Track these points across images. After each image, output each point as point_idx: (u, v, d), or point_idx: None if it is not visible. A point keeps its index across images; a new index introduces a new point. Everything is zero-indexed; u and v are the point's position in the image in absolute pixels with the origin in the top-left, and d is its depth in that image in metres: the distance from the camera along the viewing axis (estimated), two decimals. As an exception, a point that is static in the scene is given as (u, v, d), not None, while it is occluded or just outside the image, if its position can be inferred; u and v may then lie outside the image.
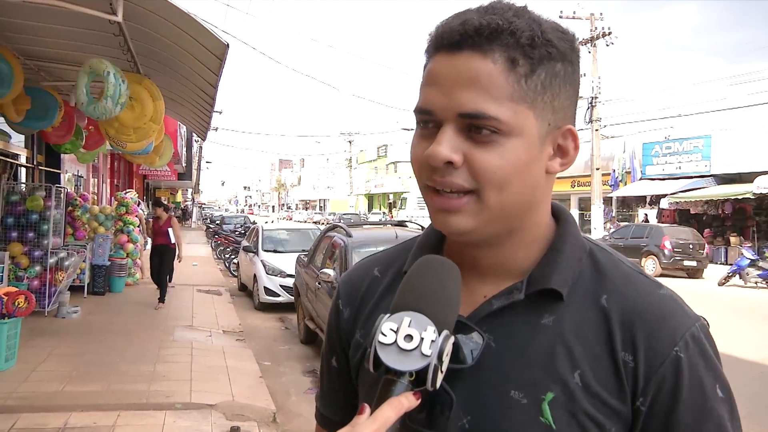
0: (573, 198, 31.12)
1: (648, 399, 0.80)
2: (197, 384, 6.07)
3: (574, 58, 0.84)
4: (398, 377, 0.74)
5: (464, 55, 0.78)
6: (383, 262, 1.05)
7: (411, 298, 0.79)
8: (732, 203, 23.26)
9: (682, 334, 0.81)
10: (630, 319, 0.82)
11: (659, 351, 0.80)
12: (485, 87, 0.77)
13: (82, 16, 5.55)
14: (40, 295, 8.69)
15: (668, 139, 25.97)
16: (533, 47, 0.78)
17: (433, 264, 0.83)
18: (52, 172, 11.19)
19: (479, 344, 0.84)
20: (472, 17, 0.79)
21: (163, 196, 42.47)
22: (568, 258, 0.87)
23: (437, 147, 0.79)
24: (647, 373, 0.80)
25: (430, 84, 0.82)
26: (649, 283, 0.87)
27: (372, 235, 8.28)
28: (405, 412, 0.74)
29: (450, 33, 0.80)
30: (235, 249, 17.30)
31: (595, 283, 0.87)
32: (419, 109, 0.83)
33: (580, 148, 0.88)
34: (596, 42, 24.98)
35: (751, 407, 6.14)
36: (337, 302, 1.06)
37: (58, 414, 5.05)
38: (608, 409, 0.80)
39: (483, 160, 0.79)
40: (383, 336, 0.75)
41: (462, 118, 0.78)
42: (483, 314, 0.87)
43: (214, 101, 8.28)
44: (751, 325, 11.15)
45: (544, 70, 0.80)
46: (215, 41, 5.95)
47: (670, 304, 0.84)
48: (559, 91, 0.82)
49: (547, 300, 0.85)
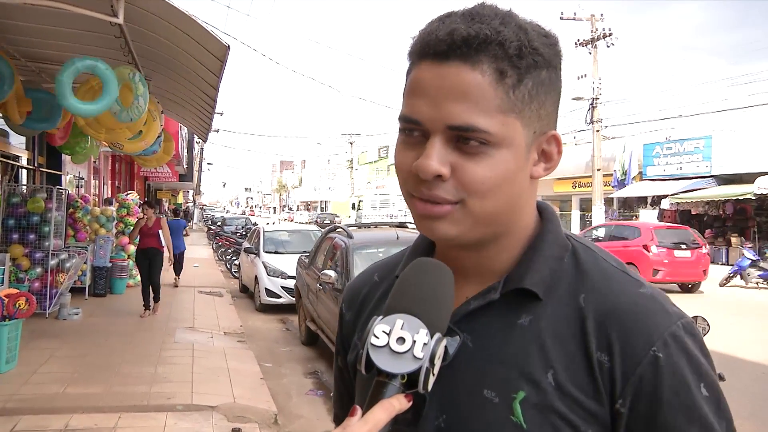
0: (574, 199, 31.10)
1: (627, 401, 0.78)
2: (198, 386, 6.07)
3: (558, 62, 0.84)
4: (390, 379, 0.74)
5: (452, 66, 0.78)
6: (383, 268, 1.07)
7: (404, 300, 0.79)
8: (733, 204, 23.24)
9: (660, 334, 0.79)
10: (605, 318, 0.81)
11: (635, 351, 0.78)
12: (474, 99, 0.77)
13: (83, 18, 5.56)
14: (41, 297, 8.70)
15: (669, 139, 25.96)
16: (521, 57, 0.78)
17: (427, 267, 0.82)
18: (53, 174, 11.20)
19: (453, 343, 0.85)
20: (459, 26, 0.78)
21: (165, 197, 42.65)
22: (546, 257, 0.87)
23: (427, 161, 0.78)
24: (624, 374, 0.78)
25: (416, 93, 0.81)
26: (628, 281, 0.85)
27: (373, 237, 8.28)
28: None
29: (437, 42, 0.78)
30: (236, 250, 17.31)
31: (575, 281, 0.86)
32: (406, 118, 0.82)
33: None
34: (597, 43, 24.98)
35: (752, 407, 6.13)
36: (341, 307, 1.10)
37: (59, 416, 5.05)
38: (583, 410, 0.79)
39: (471, 172, 0.79)
40: (375, 338, 0.75)
41: (451, 130, 0.78)
42: (461, 314, 0.87)
43: (215, 103, 8.29)
44: (753, 325, 11.14)
45: (531, 79, 0.79)
46: (216, 43, 5.96)
47: (649, 302, 0.82)
48: (544, 98, 0.82)
49: (525, 300, 0.85)
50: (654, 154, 26.12)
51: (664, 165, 25.66)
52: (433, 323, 0.76)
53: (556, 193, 31.30)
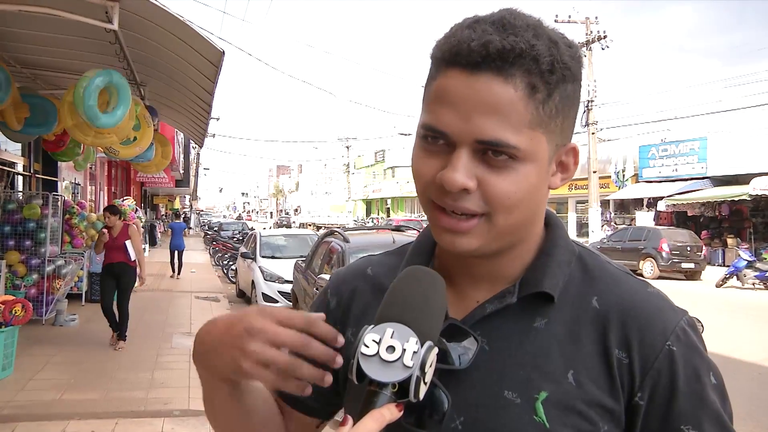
0: (570, 201, 31.19)
1: (646, 393, 0.82)
2: (195, 391, 6.06)
3: (581, 75, 0.84)
4: (381, 389, 0.74)
5: (484, 78, 0.77)
6: (377, 263, 1.06)
7: (395, 309, 0.79)
8: (728, 205, 23.33)
9: (672, 328, 0.83)
10: (622, 318, 0.85)
11: (652, 346, 0.83)
12: (506, 114, 0.77)
13: (78, 25, 5.57)
14: (38, 304, 8.68)
15: (664, 141, 26.05)
16: (552, 72, 0.78)
17: (418, 275, 0.82)
18: (49, 180, 11.18)
19: (468, 348, 0.85)
20: (494, 38, 0.76)
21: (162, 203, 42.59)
22: (559, 262, 0.89)
23: (454, 174, 0.78)
24: (643, 368, 0.82)
25: (444, 103, 0.79)
26: (636, 283, 0.89)
27: (369, 241, 8.28)
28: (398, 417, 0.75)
29: (469, 52, 0.77)
30: (233, 255, 17.27)
31: (585, 285, 0.89)
32: (431, 128, 0.81)
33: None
34: (592, 46, 25.09)
35: (749, 408, 6.14)
36: (326, 292, 1.07)
37: (56, 422, 5.04)
38: (601, 407, 0.82)
39: (498, 186, 0.79)
40: (366, 347, 0.75)
41: (479, 144, 0.78)
42: (477, 318, 0.88)
43: (211, 108, 8.30)
44: (749, 326, 11.17)
45: (558, 93, 0.80)
46: (211, 48, 5.97)
47: (658, 301, 0.87)
48: (568, 112, 0.83)
49: (538, 303, 0.87)
50: (649, 156, 26.21)
51: (659, 167, 25.75)
52: (423, 331, 0.76)
53: (553, 195, 31.24)
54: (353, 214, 59.22)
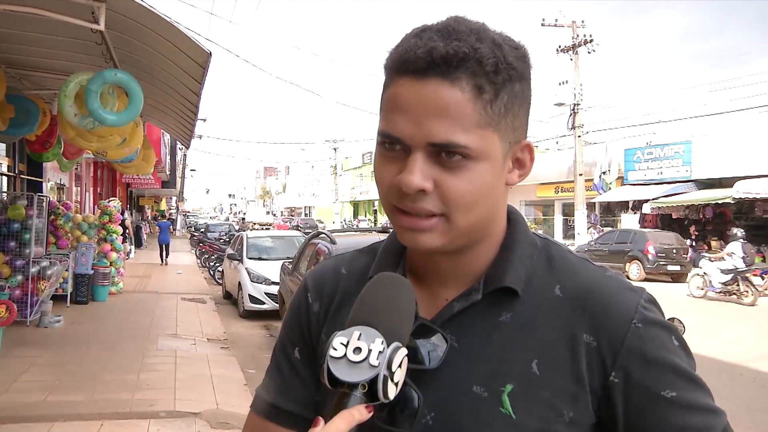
0: (557, 203, 31.30)
1: (621, 372, 0.85)
2: (181, 392, 6.05)
3: (529, 74, 0.88)
4: (352, 390, 0.77)
5: (431, 83, 0.80)
6: (349, 262, 1.07)
7: (362, 314, 0.82)
8: (713, 208, 23.54)
9: (635, 308, 0.87)
10: (585, 303, 0.88)
11: (619, 327, 0.86)
12: (454, 116, 0.80)
13: (65, 25, 5.55)
14: (22, 305, 8.61)
15: (650, 144, 26.26)
16: (497, 73, 0.81)
17: (383, 281, 0.85)
18: (34, 181, 11.11)
19: (438, 346, 0.88)
20: (438, 44, 0.80)
21: (147, 204, 42.31)
22: (520, 256, 0.93)
23: (410, 176, 0.81)
24: (613, 349, 0.85)
25: (397, 110, 0.83)
26: (594, 269, 0.93)
27: (356, 242, 8.29)
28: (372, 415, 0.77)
29: (415, 59, 0.80)
30: (219, 257, 17.22)
31: (547, 276, 0.92)
32: (386, 134, 0.84)
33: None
34: (578, 49, 25.24)
35: (734, 409, 6.21)
36: (306, 295, 1.06)
37: (41, 424, 5.01)
38: (565, 393, 0.85)
39: (453, 186, 0.82)
40: (334, 350, 0.78)
41: (432, 147, 0.81)
42: (446, 317, 0.91)
43: (198, 109, 8.28)
44: (734, 328, 11.28)
45: (506, 93, 0.83)
46: (198, 50, 5.97)
47: (617, 283, 0.91)
48: (518, 110, 0.86)
49: (504, 298, 0.90)
50: (635, 159, 26.40)
51: (645, 170, 25.94)
52: (390, 332, 0.79)
53: (539, 198, 31.49)
54: (341, 215, 59.18)
